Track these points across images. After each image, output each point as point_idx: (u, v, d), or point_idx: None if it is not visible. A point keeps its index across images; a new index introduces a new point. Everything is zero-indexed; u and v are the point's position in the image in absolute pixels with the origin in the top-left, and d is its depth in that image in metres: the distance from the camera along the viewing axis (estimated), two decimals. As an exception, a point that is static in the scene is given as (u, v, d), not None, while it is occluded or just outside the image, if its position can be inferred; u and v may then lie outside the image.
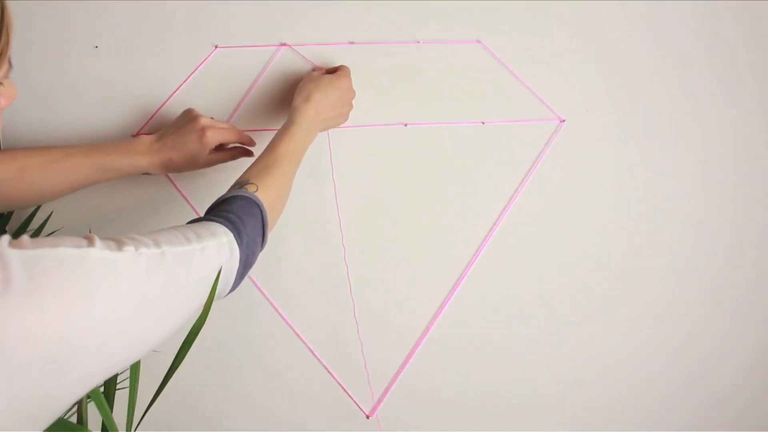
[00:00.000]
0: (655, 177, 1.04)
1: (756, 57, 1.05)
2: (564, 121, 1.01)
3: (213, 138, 0.83)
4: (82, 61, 0.90)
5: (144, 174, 0.84)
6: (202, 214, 0.93)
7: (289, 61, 0.95)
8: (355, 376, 0.98)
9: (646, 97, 1.03)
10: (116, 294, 0.47)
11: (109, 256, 0.47)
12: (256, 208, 0.69)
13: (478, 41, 0.99)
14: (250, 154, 0.89)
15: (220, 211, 0.67)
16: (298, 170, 0.81)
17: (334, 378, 0.98)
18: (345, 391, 0.98)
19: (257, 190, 0.71)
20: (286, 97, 0.95)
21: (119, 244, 0.49)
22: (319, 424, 0.98)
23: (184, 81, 0.93)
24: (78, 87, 0.90)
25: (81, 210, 0.92)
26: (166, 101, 0.93)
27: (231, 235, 0.63)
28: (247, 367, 0.96)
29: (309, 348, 0.97)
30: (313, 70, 0.93)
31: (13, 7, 0.87)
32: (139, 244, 0.51)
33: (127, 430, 0.65)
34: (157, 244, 0.53)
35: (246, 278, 0.95)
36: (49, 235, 0.89)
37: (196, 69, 0.93)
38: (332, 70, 0.92)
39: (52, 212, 0.90)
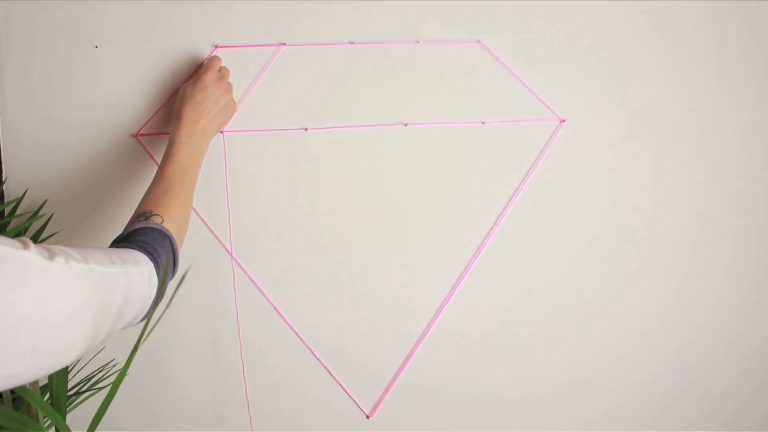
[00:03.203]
0: (655, 177, 1.04)
1: (757, 57, 1.04)
2: (564, 121, 1.01)
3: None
4: (82, 61, 0.90)
5: None
6: (204, 218, 0.94)
7: (289, 61, 0.95)
8: (355, 376, 0.98)
9: (646, 97, 1.03)
10: (43, 299, 0.46)
11: (42, 263, 0.47)
12: (166, 239, 0.70)
13: (478, 41, 0.98)
14: None
15: (136, 241, 0.67)
16: (196, 186, 0.83)
17: (334, 378, 0.98)
18: (345, 391, 0.98)
19: (163, 221, 0.72)
20: (285, 97, 0.95)
21: (51, 254, 0.49)
22: (319, 424, 0.99)
23: (185, 81, 0.93)
24: (78, 87, 0.90)
25: (81, 212, 0.92)
26: (166, 101, 0.93)
27: (151, 265, 0.64)
28: (248, 368, 0.96)
29: (309, 348, 0.97)
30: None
31: (13, 8, 0.87)
32: (69, 257, 0.51)
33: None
34: (85, 260, 0.52)
35: (247, 279, 0.95)
36: (48, 238, 0.89)
37: (196, 69, 0.93)
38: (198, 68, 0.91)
39: (53, 214, 0.90)
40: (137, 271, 0.61)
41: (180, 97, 0.87)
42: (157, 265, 0.65)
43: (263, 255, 0.96)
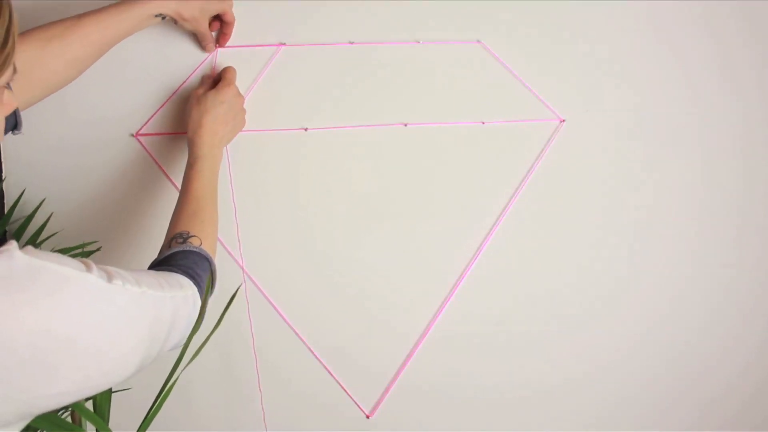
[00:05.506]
0: (655, 177, 1.04)
1: (757, 57, 1.04)
2: (564, 121, 1.01)
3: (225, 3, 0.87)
4: (81, 61, 0.90)
5: (157, 16, 0.81)
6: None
7: (289, 61, 0.95)
8: (355, 376, 0.98)
9: (646, 97, 1.03)
10: (100, 321, 0.49)
11: (102, 285, 0.50)
12: (206, 262, 0.71)
13: (478, 41, 0.98)
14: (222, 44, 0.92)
15: (179, 265, 0.68)
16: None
17: (334, 378, 0.98)
18: (345, 391, 0.98)
19: (201, 243, 0.73)
20: (285, 97, 0.95)
21: (110, 276, 0.51)
22: (319, 424, 0.98)
23: (185, 81, 0.93)
24: (79, 87, 0.90)
25: (80, 212, 0.92)
26: (166, 101, 0.93)
27: (195, 289, 0.65)
28: (248, 367, 0.96)
29: (309, 348, 0.97)
30: (201, 83, 0.91)
31: (13, 7, 0.87)
32: (125, 280, 0.53)
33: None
34: (138, 284, 0.54)
35: (247, 278, 0.95)
36: (48, 238, 0.89)
37: (196, 69, 0.93)
38: (217, 78, 0.90)
39: (52, 213, 0.90)
40: (182, 295, 0.62)
41: (197, 105, 0.86)
42: (200, 289, 0.66)
43: (262, 254, 0.96)
